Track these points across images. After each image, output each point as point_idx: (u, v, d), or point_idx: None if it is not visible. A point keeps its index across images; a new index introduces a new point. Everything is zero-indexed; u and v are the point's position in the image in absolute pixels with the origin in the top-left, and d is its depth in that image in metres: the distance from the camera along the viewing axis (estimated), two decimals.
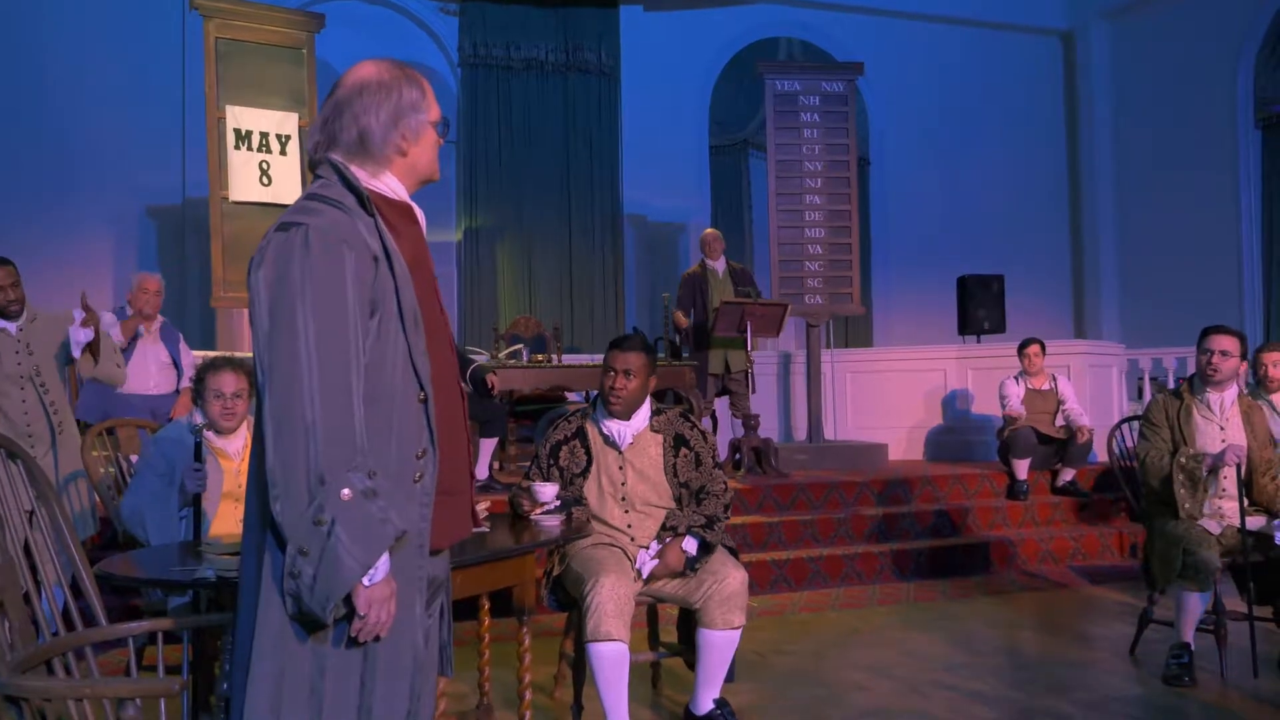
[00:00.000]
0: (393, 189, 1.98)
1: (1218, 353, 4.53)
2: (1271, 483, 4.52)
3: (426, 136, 1.99)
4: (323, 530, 1.71)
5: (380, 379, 1.84)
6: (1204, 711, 4.04)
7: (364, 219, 1.87)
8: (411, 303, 1.88)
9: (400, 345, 1.87)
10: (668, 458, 3.74)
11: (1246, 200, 11.03)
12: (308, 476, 1.72)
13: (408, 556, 1.86)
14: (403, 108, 1.96)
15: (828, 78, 9.20)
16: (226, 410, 3.72)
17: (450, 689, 3.35)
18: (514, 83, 10.85)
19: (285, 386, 1.75)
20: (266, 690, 1.78)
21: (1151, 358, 10.03)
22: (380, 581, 1.77)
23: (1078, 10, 12.54)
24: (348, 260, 1.80)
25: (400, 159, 1.97)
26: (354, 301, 1.79)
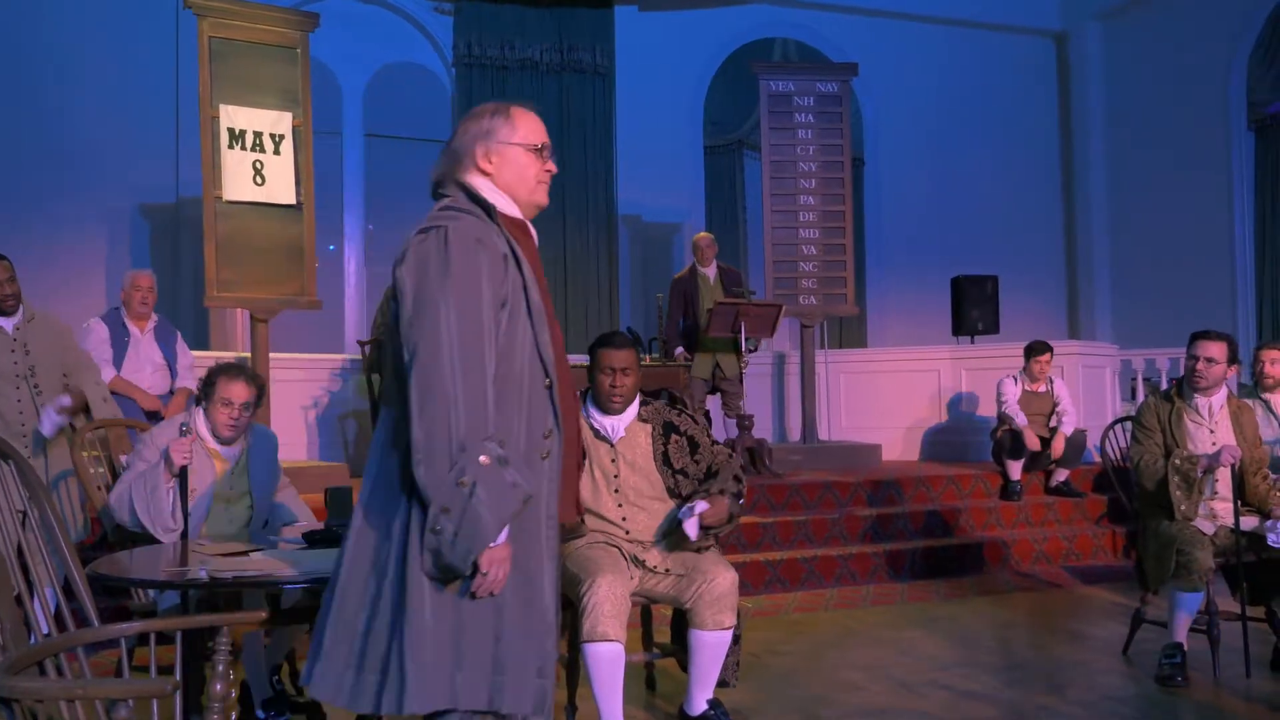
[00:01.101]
0: (513, 207, 2.21)
1: (1204, 359, 4.55)
2: (1264, 482, 4.53)
3: (510, 159, 2.20)
4: (464, 491, 1.92)
5: (511, 365, 2.06)
6: (1196, 711, 4.05)
7: (491, 226, 2.12)
8: (538, 299, 2.12)
9: (528, 336, 2.09)
10: (657, 446, 3.75)
11: (1239, 201, 11.05)
12: (450, 444, 1.94)
13: (540, 526, 2.08)
14: (481, 132, 2.21)
15: (822, 78, 9.20)
16: (232, 420, 3.69)
17: None
18: (509, 83, 10.84)
19: (429, 366, 1.97)
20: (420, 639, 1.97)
21: (1145, 358, 10.05)
22: (503, 543, 1.97)
23: (1071, 11, 12.56)
24: (482, 257, 2.04)
25: (487, 179, 2.20)
26: (488, 293, 2.02)
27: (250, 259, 6.67)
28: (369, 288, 11.02)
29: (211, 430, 3.72)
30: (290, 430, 7.94)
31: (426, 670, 1.98)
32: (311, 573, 2.69)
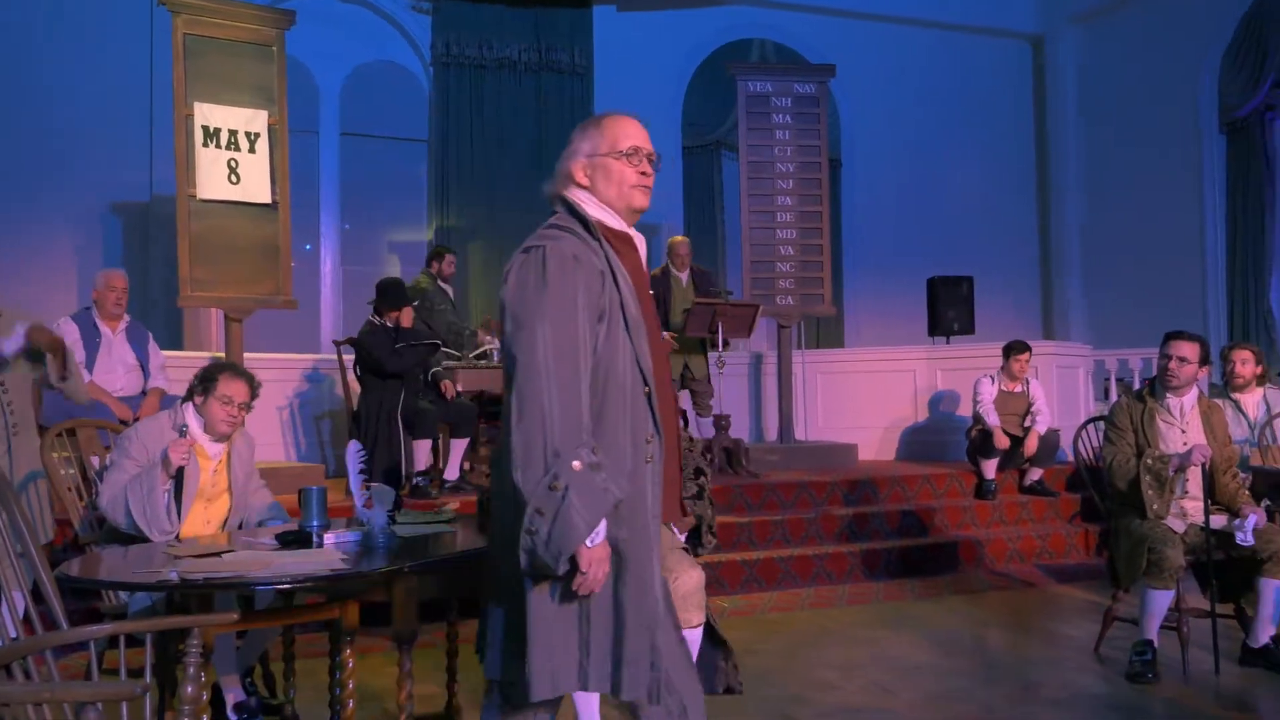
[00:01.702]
0: (613, 218, 2.34)
1: (1176, 359, 4.59)
2: (1233, 481, 4.58)
3: (604, 169, 2.34)
4: (557, 494, 2.05)
5: (612, 375, 2.19)
6: (1167, 708, 4.09)
7: (590, 242, 2.25)
8: (635, 312, 2.23)
9: (627, 347, 2.21)
10: None
11: (1211, 203, 11.16)
12: (545, 450, 2.07)
13: (649, 526, 2.19)
14: (574, 150, 2.39)
15: (800, 79, 9.23)
16: (231, 418, 3.74)
17: (419, 691, 3.33)
18: (487, 82, 10.81)
19: (526, 379, 2.11)
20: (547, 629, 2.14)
21: (1118, 358, 10.13)
22: (600, 544, 2.09)
23: (1047, 14, 12.65)
24: (578, 274, 2.17)
25: (586, 192, 2.35)
26: (583, 309, 2.15)
27: (225, 258, 6.63)
28: (345, 287, 10.97)
29: (204, 427, 3.72)
30: (266, 431, 7.90)
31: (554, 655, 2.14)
32: (284, 573, 2.68)
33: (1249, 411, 5.71)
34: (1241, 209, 11.04)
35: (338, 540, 3.15)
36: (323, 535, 3.16)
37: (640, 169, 2.35)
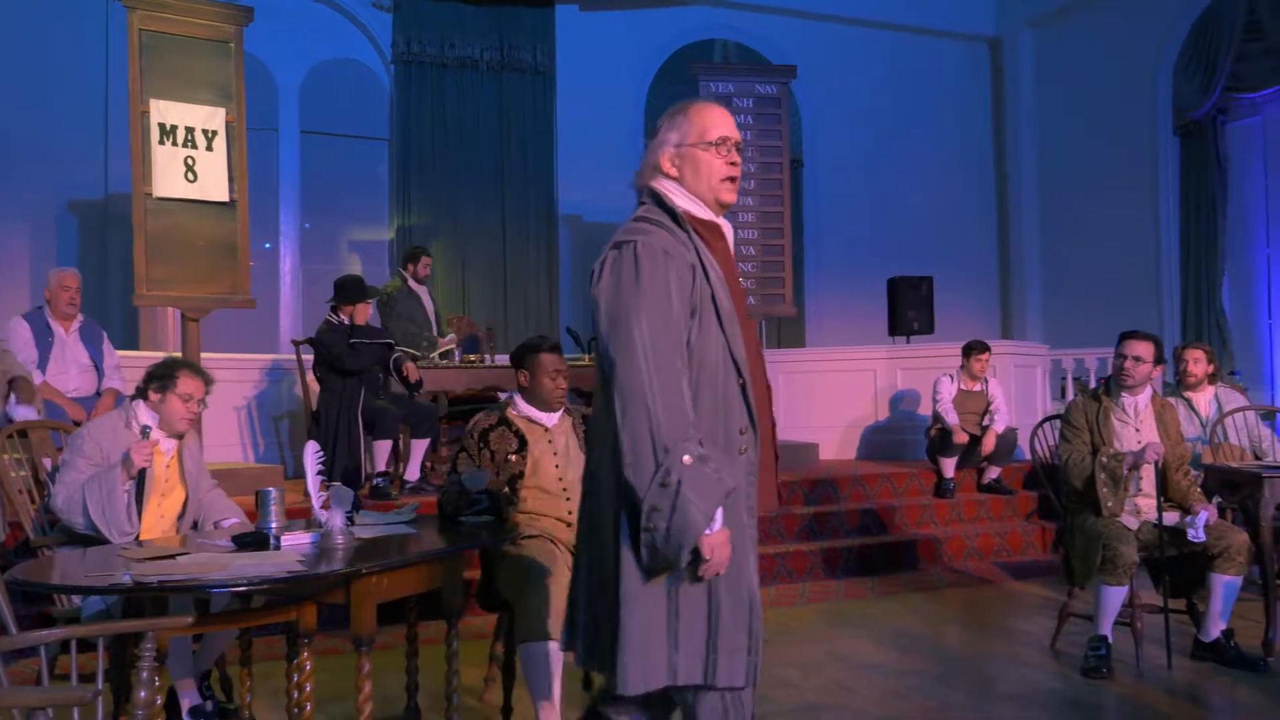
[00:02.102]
0: (700, 208, 2.33)
1: (1131, 358, 4.66)
2: (1185, 479, 4.65)
3: (691, 160, 2.33)
4: (671, 490, 2.07)
5: (704, 368, 2.20)
6: (1120, 702, 4.15)
7: (679, 234, 2.26)
8: (727, 303, 2.23)
9: (719, 340, 2.23)
10: (577, 432, 3.99)
11: (1165, 205, 11.32)
12: (654, 447, 2.09)
13: (740, 517, 2.23)
14: (662, 140, 2.36)
15: (761, 80, 9.27)
16: (191, 415, 3.78)
17: (379, 693, 3.31)
18: (448, 81, 10.76)
19: (628, 376, 2.12)
20: (639, 626, 2.16)
21: (1074, 358, 10.25)
22: (719, 530, 2.14)
23: (1005, 18, 12.78)
24: (670, 269, 2.18)
25: (675, 182, 2.34)
26: (677, 303, 2.17)
27: (181, 257, 6.55)
28: (304, 286, 10.87)
29: (159, 422, 3.72)
30: (223, 432, 7.82)
31: (646, 652, 2.17)
32: (240, 576, 2.65)
33: (1201, 410, 5.81)
34: (1194, 211, 11.21)
35: (295, 542, 3.13)
36: (280, 537, 3.14)
37: (729, 159, 2.36)
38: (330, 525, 3.08)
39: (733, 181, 2.36)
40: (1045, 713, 4.04)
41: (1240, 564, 4.43)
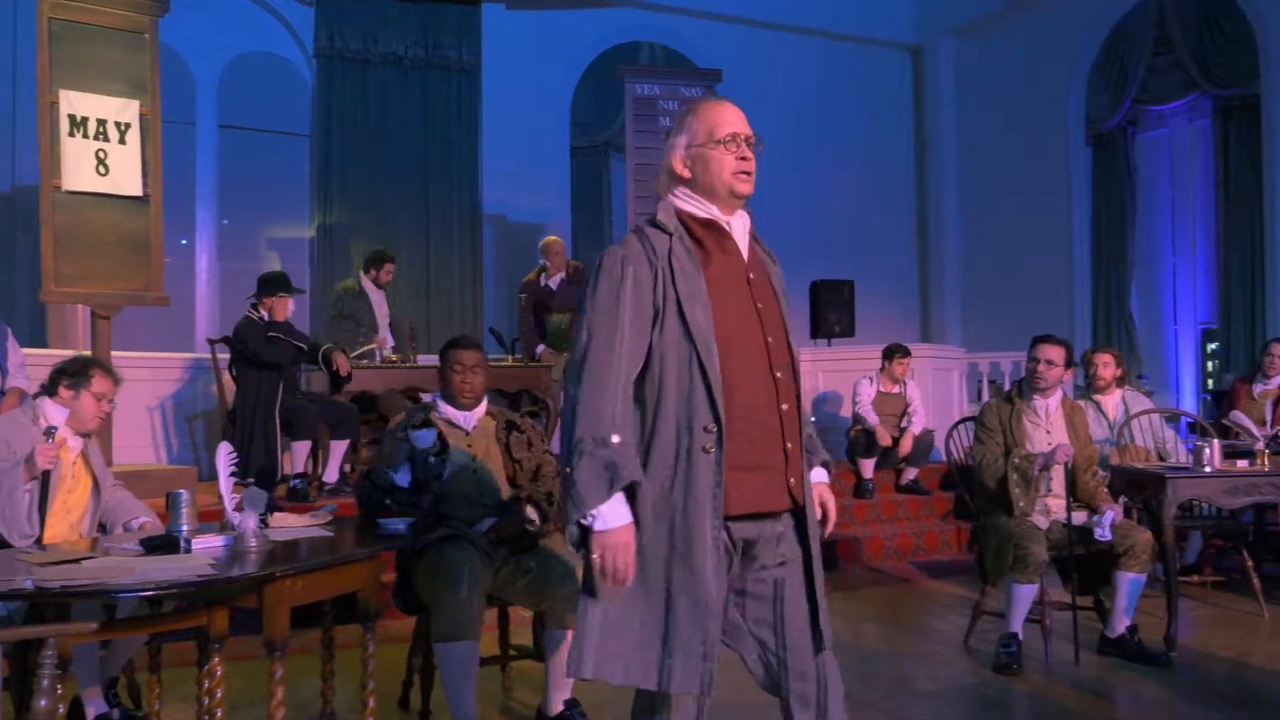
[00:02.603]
0: (702, 208, 2.38)
1: (1044, 362, 4.79)
2: (1093, 479, 4.79)
3: (702, 159, 2.37)
4: (569, 473, 2.18)
5: (667, 368, 2.24)
6: (1029, 697, 4.25)
7: (660, 239, 2.31)
8: (697, 309, 2.25)
9: (680, 341, 2.24)
10: (500, 436, 3.97)
11: (1078, 214, 11.63)
12: (570, 439, 2.20)
13: (703, 517, 2.21)
14: (674, 144, 2.41)
15: (687, 83, 9.32)
16: (103, 414, 3.75)
17: (288, 698, 3.26)
18: (371, 77, 10.61)
19: (572, 375, 2.27)
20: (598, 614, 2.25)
21: (990, 361, 10.47)
22: (613, 530, 2.16)
23: (926, 27, 13.01)
24: (628, 277, 2.25)
25: (685, 185, 2.39)
26: (630, 310, 2.24)
27: (92, 252, 6.37)
28: (221, 284, 10.66)
29: (70, 420, 3.65)
30: (135, 433, 7.62)
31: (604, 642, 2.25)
32: (147, 580, 2.59)
33: (1109, 412, 5.97)
34: (1105, 220, 11.53)
35: (206, 545, 3.06)
36: (191, 540, 3.07)
37: (739, 154, 2.37)
38: (243, 528, 3.03)
39: (746, 175, 2.38)
40: (958, 709, 4.12)
41: (1144, 562, 4.57)
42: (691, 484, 2.22)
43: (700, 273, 2.30)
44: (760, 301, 2.38)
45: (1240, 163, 10.21)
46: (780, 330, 2.40)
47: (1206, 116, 10.65)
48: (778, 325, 2.40)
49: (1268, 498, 4.93)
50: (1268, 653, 4.82)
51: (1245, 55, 9.99)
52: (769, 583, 2.37)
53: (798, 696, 2.37)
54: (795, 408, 2.40)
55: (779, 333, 2.39)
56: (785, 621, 2.37)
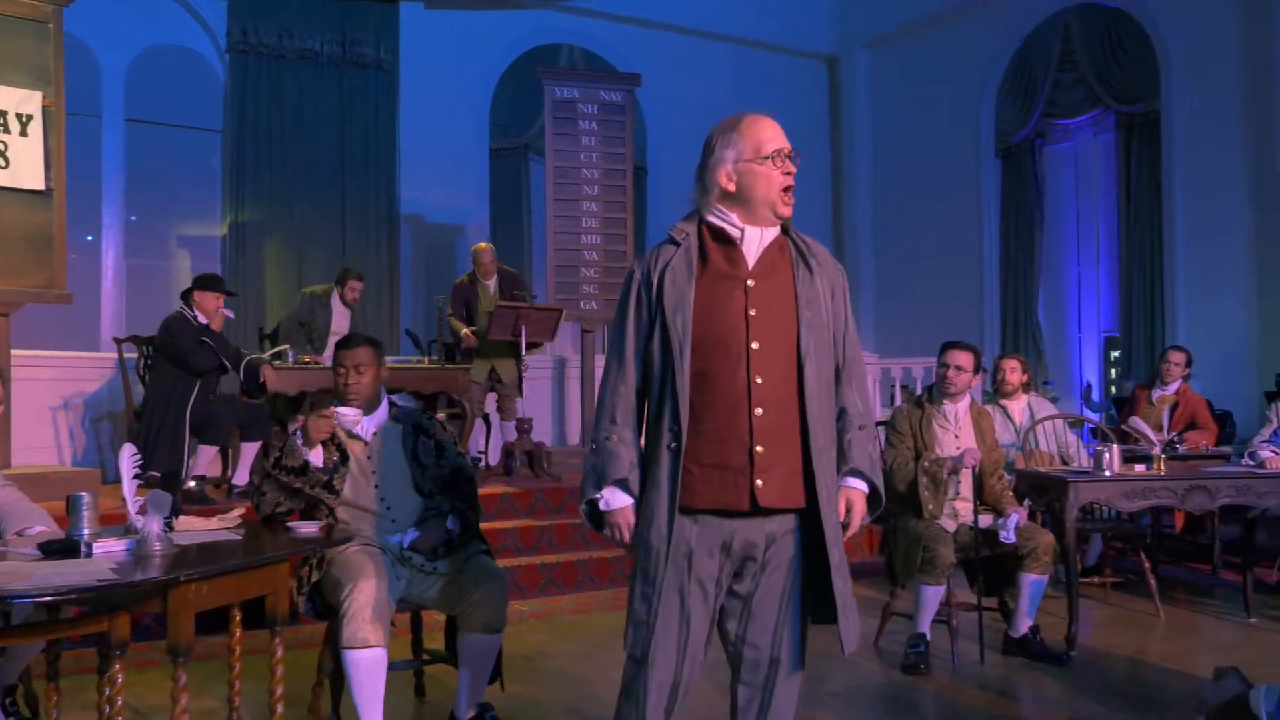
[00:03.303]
0: (721, 219, 2.53)
1: (953, 367, 4.90)
2: (999, 483, 4.91)
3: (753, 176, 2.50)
4: (587, 461, 2.54)
5: (652, 369, 2.49)
6: (936, 697, 4.35)
7: (668, 251, 2.52)
8: (679, 318, 2.43)
9: (659, 349, 2.46)
10: (406, 443, 3.82)
11: (988, 224, 11.93)
12: (594, 429, 2.56)
13: (659, 507, 2.43)
14: (720, 159, 2.54)
15: (606, 87, 9.33)
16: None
17: (195, 707, 3.19)
18: (286, 73, 10.42)
19: None
20: None
21: (903, 366, 10.68)
22: (616, 509, 2.50)
23: (842, 38, 13.23)
24: (633, 288, 2.53)
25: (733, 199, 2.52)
26: (633, 318, 2.51)
27: None
28: (128, 282, 10.37)
29: None
30: (36, 433, 7.39)
31: None
32: (45, 586, 2.51)
33: (1015, 417, 6.13)
34: (1014, 230, 11.84)
35: (108, 549, 2.98)
36: (92, 544, 2.99)
37: (784, 169, 2.53)
38: (147, 531, 2.95)
39: (788, 191, 2.55)
40: (867, 710, 4.20)
41: (1046, 563, 4.70)
42: (656, 476, 2.45)
43: (692, 282, 2.45)
44: (755, 308, 2.45)
45: (1141, 177, 10.57)
46: (779, 336, 2.46)
47: (1110, 131, 11.00)
48: (775, 331, 2.46)
49: (1164, 501, 5.10)
50: (1163, 652, 4.99)
51: (1147, 72, 10.35)
52: (750, 586, 2.51)
53: (745, 689, 2.55)
54: (785, 413, 2.44)
55: (776, 338, 2.45)
56: (750, 622, 2.52)
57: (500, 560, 4.16)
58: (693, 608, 2.46)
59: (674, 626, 2.45)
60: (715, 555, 2.45)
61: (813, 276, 2.54)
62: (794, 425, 2.44)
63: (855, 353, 2.62)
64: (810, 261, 2.56)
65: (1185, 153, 9.96)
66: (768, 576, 2.49)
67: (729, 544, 2.45)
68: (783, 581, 2.50)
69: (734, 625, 2.53)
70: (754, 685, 2.54)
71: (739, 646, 2.53)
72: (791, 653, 2.54)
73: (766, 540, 2.46)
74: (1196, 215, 9.89)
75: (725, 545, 2.45)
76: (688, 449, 2.40)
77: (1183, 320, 9.99)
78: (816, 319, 2.49)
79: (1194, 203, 9.91)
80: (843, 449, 2.53)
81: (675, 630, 2.46)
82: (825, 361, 2.51)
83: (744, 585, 2.50)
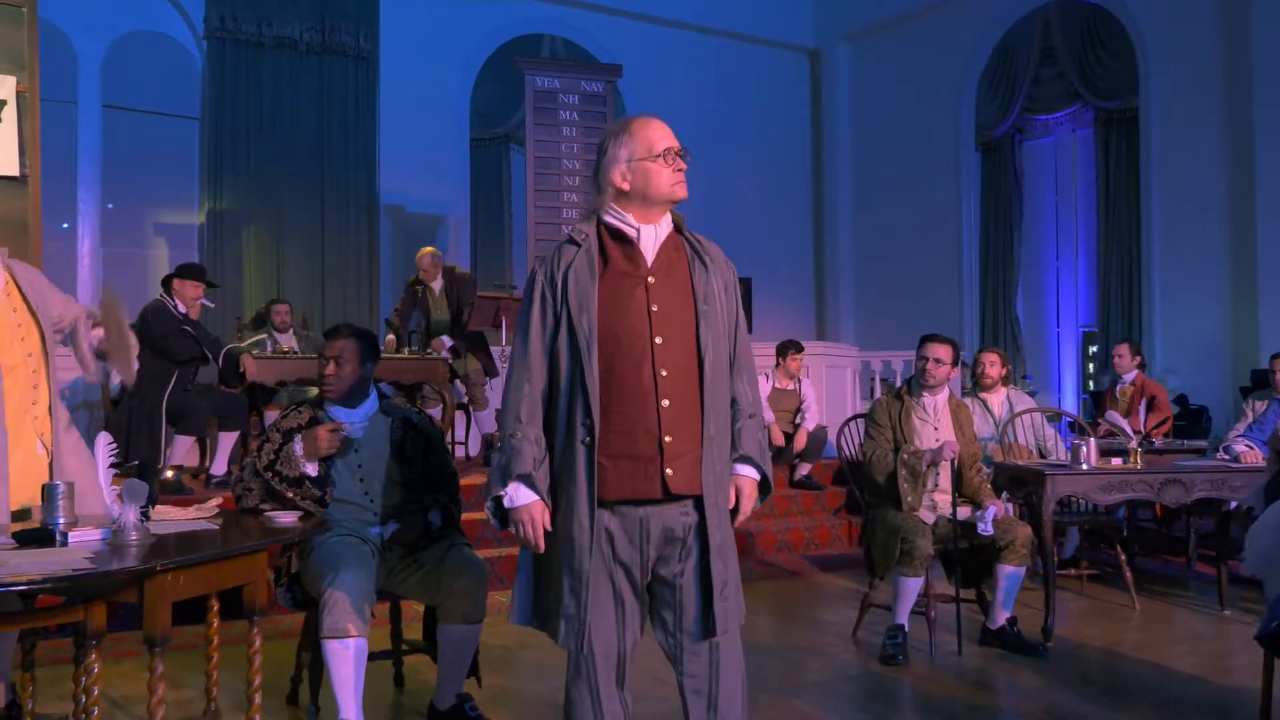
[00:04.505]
0: (618, 219, 2.59)
1: (932, 360, 4.91)
2: (978, 475, 4.93)
3: (642, 172, 2.56)
4: (495, 457, 2.57)
5: (559, 367, 2.53)
6: (914, 686, 4.37)
7: (569, 251, 2.57)
8: (584, 316, 2.49)
9: (571, 349, 2.50)
10: (394, 435, 3.80)
11: (967, 217, 11.98)
12: (500, 428, 2.63)
13: (574, 497, 2.49)
14: (614, 159, 2.59)
15: (587, 77, 9.31)
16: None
17: (172, 697, 3.17)
18: (265, 61, 10.35)
19: None
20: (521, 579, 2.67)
21: (882, 359, 10.72)
22: (517, 507, 2.50)
23: (823, 31, 13.25)
24: (536, 288, 2.57)
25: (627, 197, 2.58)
26: (536, 316, 2.56)
27: None
28: (104, 269, 10.28)
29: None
30: None
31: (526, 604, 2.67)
32: (19, 575, 2.49)
33: (994, 410, 6.16)
34: (993, 224, 11.90)
35: (84, 538, 2.95)
36: (67, 533, 2.96)
37: (675, 166, 2.59)
38: (123, 520, 2.93)
39: (683, 183, 2.61)
40: (846, 700, 4.21)
41: (1023, 555, 4.73)
42: (573, 471, 2.50)
43: (595, 282, 2.52)
44: (656, 304, 2.54)
45: (1119, 173, 10.64)
46: (680, 330, 2.55)
47: (1089, 127, 11.07)
48: (676, 326, 2.54)
49: (1139, 495, 5.14)
50: (1138, 643, 5.03)
51: (1125, 69, 10.42)
52: (676, 569, 2.56)
53: (690, 681, 2.62)
54: (689, 403, 2.53)
55: (676, 332, 2.54)
56: (682, 609, 2.58)
57: (479, 551, 4.15)
58: (622, 587, 2.55)
59: (609, 607, 2.53)
60: (636, 542, 2.53)
61: (708, 273, 2.62)
62: (695, 415, 2.54)
63: (745, 346, 2.70)
64: (705, 259, 2.64)
65: (1163, 149, 10.03)
66: (691, 560, 2.56)
67: (647, 530, 2.53)
68: (701, 564, 2.58)
69: (670, 615, 2.59)
70: (699, 676, 2.61)
71: (678, 636, 2.59)
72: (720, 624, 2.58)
73: (685, 525, 2.54)
74: (1173, 211, 9.97)
75: (644, 532, 2.52)
76: (599, 442, 2.47)
77: (1159, 315, 10.07)
78: (713, 313, 2.58)
79: (1171, 199, 9.99)
80: (734, 436, 2.63)
81: (610, 610, 2.54)
82: (721, 354, 2.59)
83: (669, 569, 2.56)
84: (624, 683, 2.62)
